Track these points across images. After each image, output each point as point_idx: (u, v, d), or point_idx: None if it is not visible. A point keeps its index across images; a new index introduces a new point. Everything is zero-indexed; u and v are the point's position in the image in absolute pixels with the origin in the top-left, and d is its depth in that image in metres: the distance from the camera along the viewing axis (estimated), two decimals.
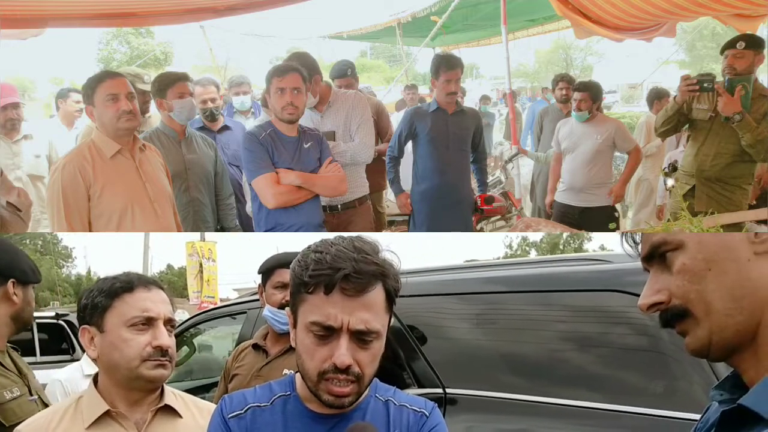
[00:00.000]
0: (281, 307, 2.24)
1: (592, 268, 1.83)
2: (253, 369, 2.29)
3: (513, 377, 1.78)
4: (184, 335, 3.21)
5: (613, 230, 4.01)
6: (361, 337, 1.05)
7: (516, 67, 32.77)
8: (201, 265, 11.79)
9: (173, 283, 24.89)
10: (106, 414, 1.32)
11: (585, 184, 4.18)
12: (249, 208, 3.23)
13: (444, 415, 1.73)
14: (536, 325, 1.83)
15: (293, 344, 1.13)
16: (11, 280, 1.73)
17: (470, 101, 11.72)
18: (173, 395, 1.43)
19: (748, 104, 3.24)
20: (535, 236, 29.27)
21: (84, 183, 2.46)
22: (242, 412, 1.14)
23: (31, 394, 1.72)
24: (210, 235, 11.37)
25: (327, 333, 1.05)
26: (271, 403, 1.15)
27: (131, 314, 1.34)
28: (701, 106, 3.46)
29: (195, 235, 11.46)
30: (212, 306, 4.14)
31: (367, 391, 1.15)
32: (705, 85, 3.30)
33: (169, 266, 28.93)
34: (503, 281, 2.00)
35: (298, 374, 1.17)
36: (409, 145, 3.81)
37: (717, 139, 3.42)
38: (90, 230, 2.47)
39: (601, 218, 4.10)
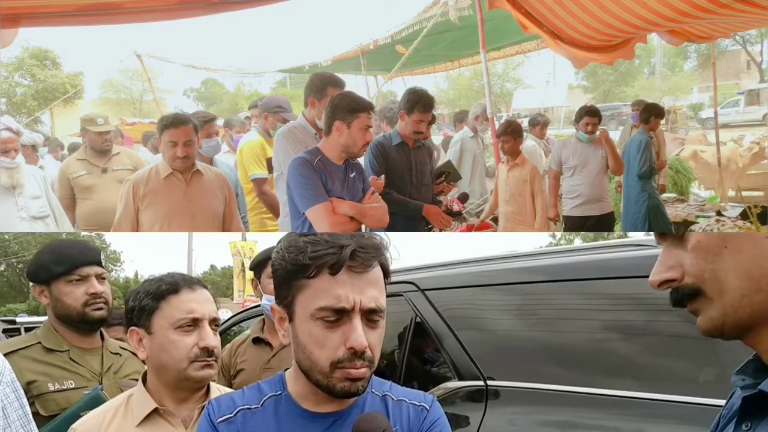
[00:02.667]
0: None
1: (636, 254, 1.78)
2: (261, 362, 2.30)
3: (557, 368, 1.75)
4: (227, 333, 3.25)
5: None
6: (371, 317, 1.01)
7: (438, 95, 33.65)
8: (243, 265, 11.84)
9: (216, 283, 25.92)
10: (155, 412, 1.37)
11: (602, 194, 4.94)
12: (281, 221, 3.35)
13: (485, 408, 1.80)
14: (579, 315, 1.79)
15: (285, 341, 1.08)
16: (32, 284, 1.87)
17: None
18: (219, 392, 1.45)
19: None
20: None
21: (134, 196, 3.06)
22: (232, 415, 1.08)
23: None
24: (251, 235, 11.55)
25: (338, 317, 0.99)
26: (262, 405, 1.09)
27: (178, 316, 1.38)
28: None
29: (236, 235, 11.84)
30: (254, 304, 4.21)
31: None
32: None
33: (212, 266, 30.02)
34: (544, 271, 1.95)
35: (288, 372, 1.13)
36: None
37: None
38: (138, 231, 3.14)
39: (611, 222, 5.04)
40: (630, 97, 26.36)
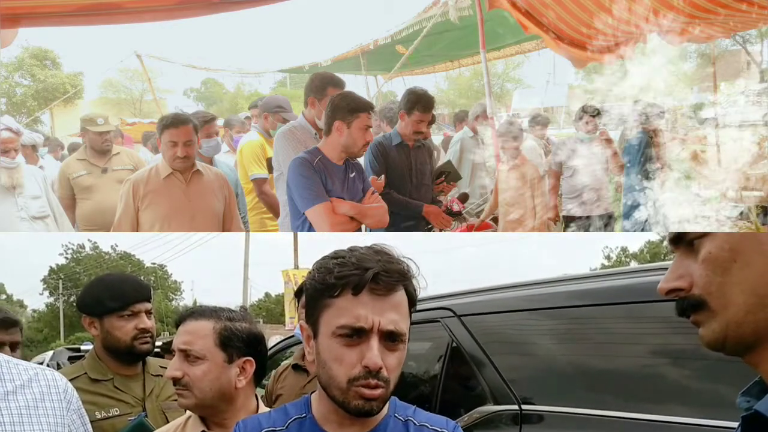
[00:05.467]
0: None
1: None
2: (296, 388, 2.33)
3: (601, 393, 1.72)
4: (274, 359, 3.30)
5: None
6: (390, 340, 1.04)
7: (438, 95, 33.66)
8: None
9: (271, 310, 26.81)
10: None
11: (602, 194, 4.95)
12: (281, 221, 3.36)
13: None
14: (621, 339, 1.76)
15: (309, 357, 1.11)
16: (82, 315, 1.96)
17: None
18: None
19: None
20: (635, 246, 29.35)
21: (134, 196, 3.06)
22: None
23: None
24: (304, 263, 12.44)
25: (356, 336, 1.02)
26: (287, 427, 1.11)
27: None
28: None
29: (290, 263, 12.89)
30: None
31: (385, 410, 1.11)
32: None
33: (267, 294, 30.81)
34: (585, 295, 1.91)
35: (313, 395, 1.16)
36: None
37: None
38: (138, 231, 3.16)
39: (611, 222, 5.04)
40: (630, 97, 26.34)
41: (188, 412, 1.50)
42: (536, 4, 4.37)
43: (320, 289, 1.06)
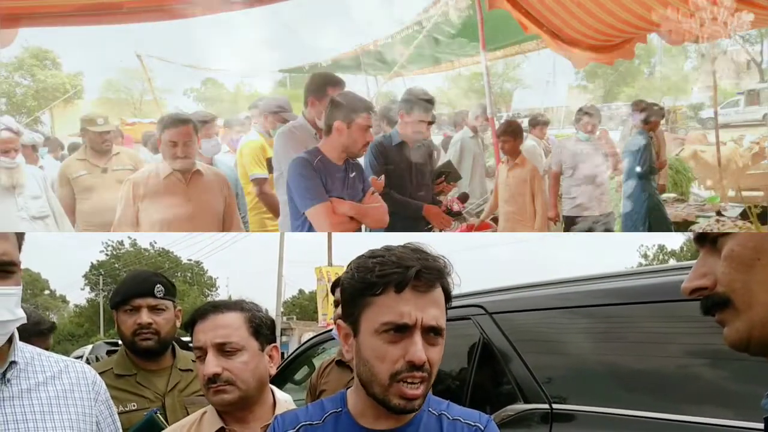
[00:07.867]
0: None
1: None
2: (340, 384, 2.34)
3: (636, 393, 1.70)
4: (307, 355, 3.34)
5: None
6: (431, 335, 1.07)
7: (438, 95, 33.49)
8: (327, 289, 12.53)
9: (304, 307, 27.31)
10: (221, 430, 1.43)
11: (602, 194, 4.96)
12: (281, 221, 3.36)
13: (550, 431, 1.76)
14: (661, 338, 1.73)
15: (348, 356, 1.14)
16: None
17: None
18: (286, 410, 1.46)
19: None
20: (674, 244, 28.86)
21: (134, 196, 3.06)
22: (294, 430, 1.15)
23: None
24: (337, 260, 12.60)
25: (400, 332, 1.05)
26: (323, 421, 1.15)
27: (194, 346, 1.46)
28: None
29: (323, 261, 13.06)
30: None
31: None
32: None
33: (301, 291, 31.03)
34: (614, 293, 1.90)
35: (349, 390, 1.18)
36: None
37: None
38: (138, 231, 3.18)
39: (611, 222, 5.07)
40: (630, 97, 26.35)
41: (205, 408, 1.48)
42: (536, 4, 4.37)
43: (360, 288, 1.08)
